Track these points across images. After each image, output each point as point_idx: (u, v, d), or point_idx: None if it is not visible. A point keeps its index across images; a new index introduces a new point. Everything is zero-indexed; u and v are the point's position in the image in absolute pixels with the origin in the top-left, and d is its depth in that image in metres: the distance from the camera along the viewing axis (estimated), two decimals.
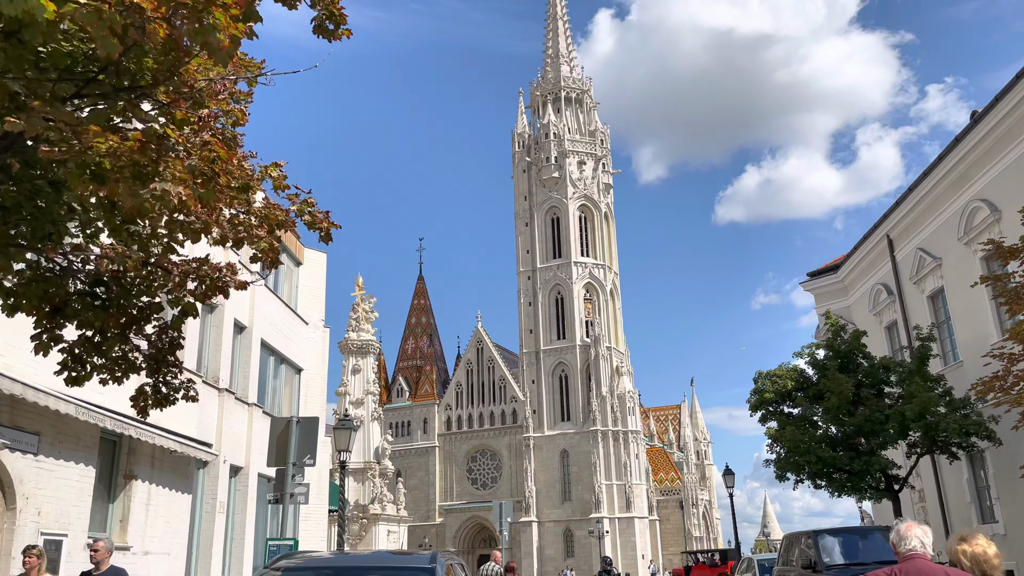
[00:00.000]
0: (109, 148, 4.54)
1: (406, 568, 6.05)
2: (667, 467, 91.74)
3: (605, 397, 78.84)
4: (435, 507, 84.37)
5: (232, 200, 6.39)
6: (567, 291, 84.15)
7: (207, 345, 16.58)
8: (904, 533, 4.45)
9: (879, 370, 20.05)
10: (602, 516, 73.21)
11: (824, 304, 30.01)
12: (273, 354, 20.25)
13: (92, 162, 4.58)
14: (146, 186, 4.72)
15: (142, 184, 4.70)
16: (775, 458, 20.38)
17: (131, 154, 4.60)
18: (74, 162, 4.57)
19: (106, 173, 4.61)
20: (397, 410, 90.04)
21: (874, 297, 26.65)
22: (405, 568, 6.07)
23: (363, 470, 48.20)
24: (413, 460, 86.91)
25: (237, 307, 17.72)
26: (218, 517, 15.78)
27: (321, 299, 23.49)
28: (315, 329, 22.92)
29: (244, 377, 18.07)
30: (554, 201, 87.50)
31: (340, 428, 15.02)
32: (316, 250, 23.68)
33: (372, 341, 51.52)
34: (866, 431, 18.94)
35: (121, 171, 4.58)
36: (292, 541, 10.22)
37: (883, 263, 25.96)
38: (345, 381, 50.53)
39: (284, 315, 21.01)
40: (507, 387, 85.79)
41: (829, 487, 19.78)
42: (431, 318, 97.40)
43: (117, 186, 4.63)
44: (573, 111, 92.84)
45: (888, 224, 25.11)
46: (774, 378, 21.02)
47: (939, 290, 22.59)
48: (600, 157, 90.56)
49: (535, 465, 79.03)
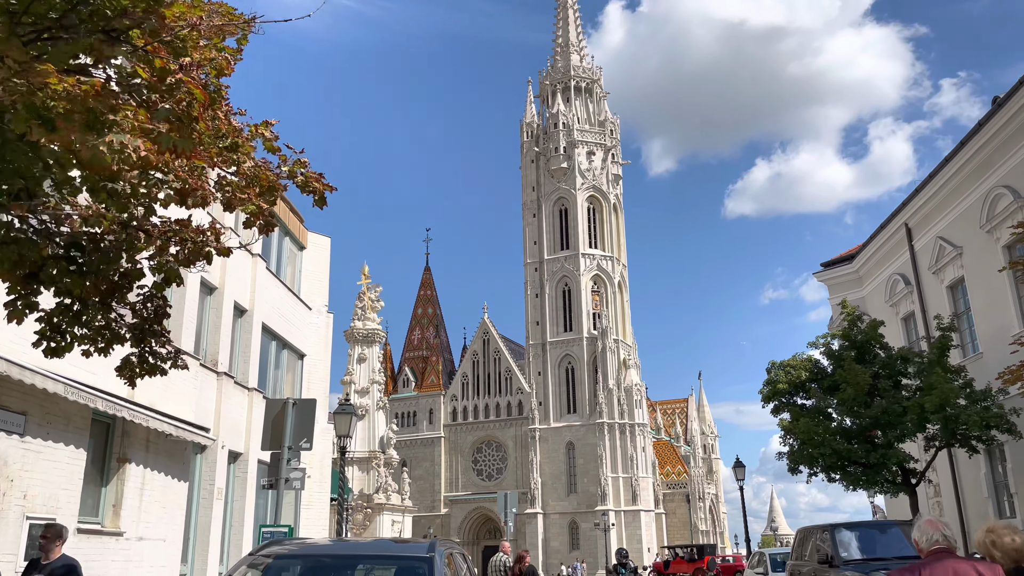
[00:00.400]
0: (63, 90, 4.05)
1: (403, 557, 5.59)
2: (674, 460, 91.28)
3: (612, 390, 78.37)
4: (440, 498, 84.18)
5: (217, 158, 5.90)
6: (574, 283, 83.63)
7: (206, 327, 16.14)
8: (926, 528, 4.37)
9: (896, 361, 19.49)
10: (608, 509, 72.87)
11: (838, 295, 29.39)
12: (275, 339, 19.82)
13: (41, 105, 4.08)
14: (101, 136, 4.22)
15: (96, 134, 4.19)
16: (788, 450, 19.85)
17: (85, 98, 4.09)
18: (21, 103, 4.07)
19: (56, 119, 4.10)
20: (403, 400, 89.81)
21: (891, 287, 26.04)
22: (402, 557, 5.60)
23: (368, 459, 47.90)
24: (419, 450, 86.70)
25: (237, 289, 17.29)
26: (216, 504, 15.38)
27: (325, 284, 23.05)
28: (318, 315, 22.49)
29: (244, 361, 17.64)
30: (562, 192, 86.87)
31: (340, 413, 14.56)
32: (320, 234, 23.25)
33: (378, 330, 51.15)
34: (883, 423, 18.39)
35: (71, 116, 4.06)
36: (287, 528, 9.80)
37: (900, 253, 25.35)
38: (351, 370, 50.20)
39: (286, 299, 20.57)
40: (513, 379, 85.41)
41: (844, 481, 19.25)
42: (437, 309, 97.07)
43: (68, 134, 4.13)
44: (583, 100, 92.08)
45: (906, 213, 24.49)
46: (788, 368, 20.48)
47: (959, 280, 21.98)
48: (609, 148, 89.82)
49: (541, 457, 78.69)
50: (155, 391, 13.28)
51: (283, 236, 21.18)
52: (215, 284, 16.37)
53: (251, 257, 18.22)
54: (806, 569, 14.36)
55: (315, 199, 6.76)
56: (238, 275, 17.31)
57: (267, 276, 19.14)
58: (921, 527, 4.42)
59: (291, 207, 21.50)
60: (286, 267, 21.41)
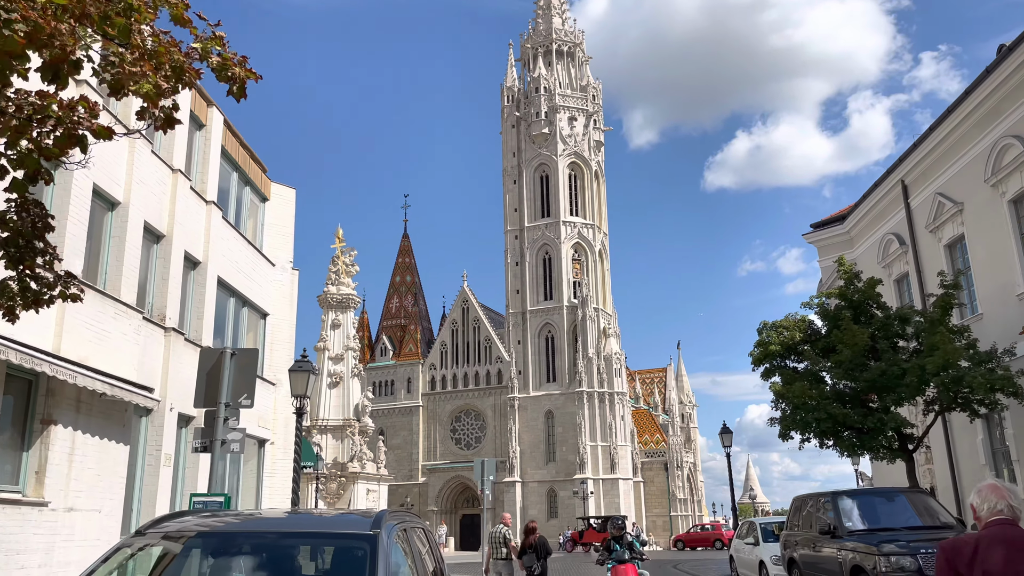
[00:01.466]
0: None
1: (339, 535, 4.31)
2: (652, 429, 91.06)
3: (591, 359, 77.61)
4: (418, 467, 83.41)
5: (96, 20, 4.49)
6: (555, 251, 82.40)
7: (152, 278, 14.68)
8: (987, 494, 3.86)
9: (895, 321, 18.46)
10: (586, 477, 72.44)
11: (828, 257, 28.36)
12: (233, 295, 18.38)
13: None
14: None
15: None
16: (780, 415, 18.82)
17: None
18: None
19: None
20: (381, 369, 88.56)
21: (884, 248, 25.01)
22: (338, 535, 4.32)
23: (342, 427, 46.66)
24: (396, 419, 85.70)
25: (188, 239, 15.79)
26: (163, 471, 14.05)
27: (290, 239, 21.57)
28: (283, 271, 21.04)
29: (197, 317, 16.21)
30: (543, 158, 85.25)
31: (296, 371, 13.21)
32: (284, 185, 21.73)
33: (352, 295, 49.63)
34: (880, 386, 17.38)
35: None
36: (223, 497, 8.52)
37: (895, 211, 24.27)
38: (324, 336, 48.72)
39: (246, 253, 19.10)
40: (492, 347, 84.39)
41: (838, 447, 18.28)
42: (416, 277, 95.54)
43: None
44: (565, 65, 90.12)
45: (903, 169, 23.37)
46: (780, 329, 19.39)
47: (958, 238, 20.93)
48: (592, 113, 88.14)
49: (519, 426, 77.98)
50: (87, 345, 11.87)
51: (243, 185, 19.65)
52: (162, 231, 14.88)
53: (205, 204, 16.72)
54: (803, 539, 13.37)
55: (233, 88, 5.37)
56: (189, 223, 15.82)
57: (223, 226, 17.65)
58: (982, 492, 3.88)
59: (251, 154, 19.95)
60: (247, 219, 19.91)
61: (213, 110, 17.40)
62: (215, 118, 17.36)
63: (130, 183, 13.48)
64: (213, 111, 17.38)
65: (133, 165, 13.59)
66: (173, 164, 15.26)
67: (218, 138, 17.50)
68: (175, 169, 15.27)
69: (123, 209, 13.36)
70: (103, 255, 13.01)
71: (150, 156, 14.33)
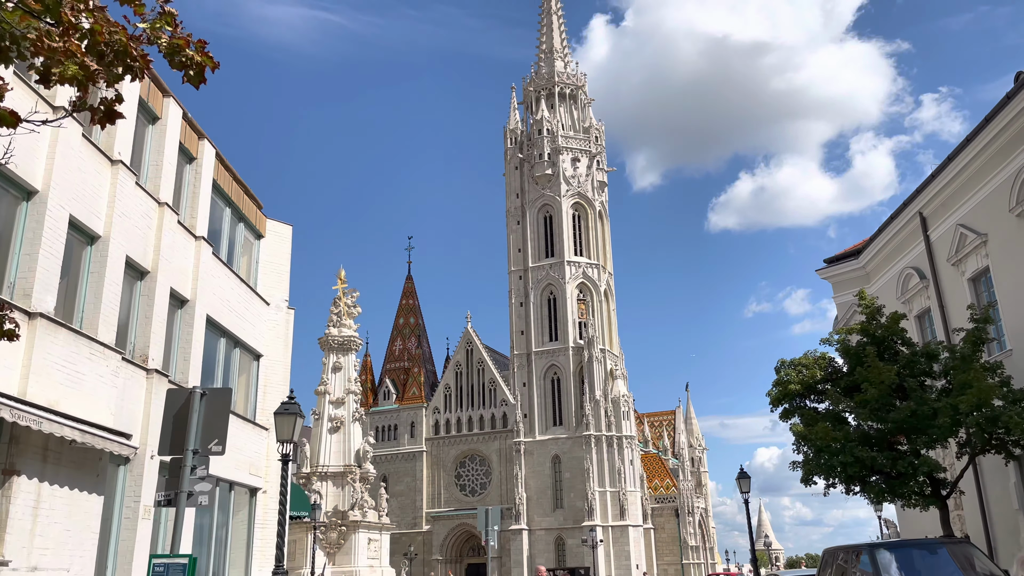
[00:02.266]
0: None
1: None
2: (662, 473, 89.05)
3: (599, 401, 76.18)
4: (422, 514, 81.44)
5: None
6: (560, 291, 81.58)
7: (134, 316, 13.83)
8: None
9: (921, 358, 17.46)
10: (595, 524, 70.45)
11: (844, 293, 27.48)
12: (224, 335, 17.51)
13: None
14: None
15: None
16: (803, 459, 17.73)
17: None
18: None
19: None
20: (383, 413, 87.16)
21: (903, 283, 24.09)
22: None
23: (343, 474, 45.28)
24: (400, 465, 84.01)
25: (175, 276, 14.99)
26: (142, 524, 13.01)
27: (285, 277, 20.77)
28: (277, 310, 20.20)
29: (184, 359, 15.32)
30: (547, 198, 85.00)
31: (282, 413, 12.25)
32: (281, 222, 21.02)
33: (354, 337, 48.64)
34: (909, 427, 16.33)
35: None
36: (187, 559, 7.50)
37: (914, 244, 23.42)
38: (325, 379, 47.60)
39: (239, 291, 18.28)
40: (497, 390, 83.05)
41: (865, 492, 17.15)
42: (419, 319, 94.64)
43: None
44: (567, 107, 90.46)
45: (921, 200, 22.58)
46: (800, 367, 18.41)
47: (983, 271, 20.04)
48: (594, 154, 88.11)
49: (526, 471, 76.24)
50: (58, 388, 10.97)
51: (236, 221, 18.93)
52: (146, 267, 14.08)
53: (194, 240, 15.95)
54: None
55: (188, 75, 4.58)
56: (176, 259, 15.02)
57: (214, 263, 16.86)
58: None
59: (246, 189, 19.27)
60: (240, 256, 19.14)
61: (204, 143, 16.76)
62: (206, 151, 16.71)
63: (111, 216, 12.73)
64: (204, 144, 16.74)
65: (115, 197, 12.86)
66: (160, 197, 14.54)
67: (209, 171, 16.82)
68: (161, 202, 14.54)
69: (103, 243, 12.59)
70: (80, 291, 12.20)
71: (134, 188, 13.61)
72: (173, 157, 15.20)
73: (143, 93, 14.23)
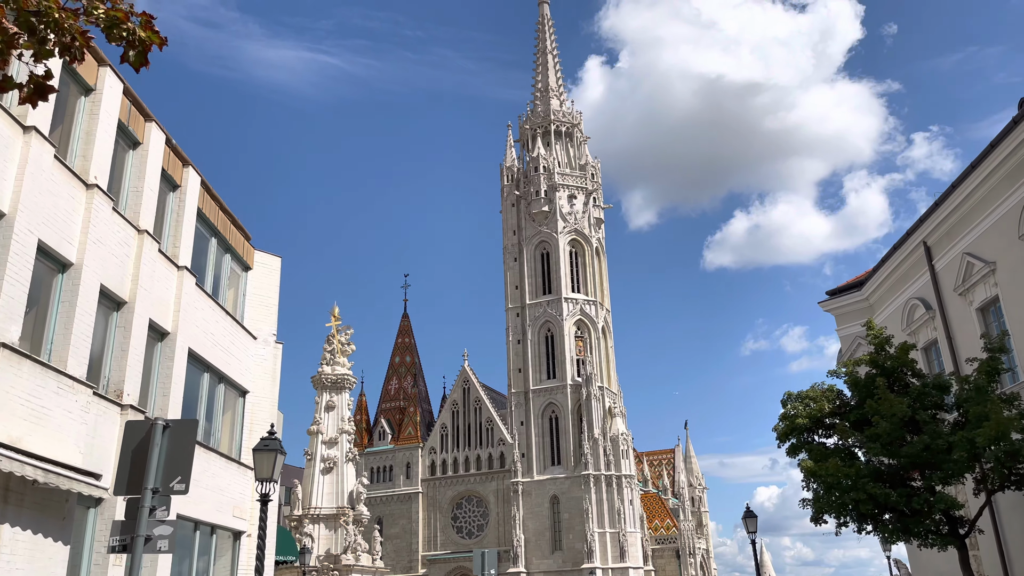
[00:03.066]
0: None
1: None
2: (662, 514, 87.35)
3: (597, 439, 74.98)
4: (418, 557, 79.57)
5: None
6: (557, 328, 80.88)
7: (109, 348, 13.15)
8: None
9: (933, 390, 16.79)
10: (595, 567, 68.82)
11: (847, 326, 26.87)
12: (208, 370, 16.80)
13: None
14: None
15: None
16: (812, 497, 16.93)
17: None
18: None
19: None
20: (379, 454, 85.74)
21: (908, 314, 23.50)
22: None
23: (335, 516, 44.04)
24: (395, 507, 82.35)
25: (155, 307, 14.34)
26: (112, 572, 12.17)
27: (273, 310, 20.12)
28: (265, 345, 19.51)
29: (163, 395, 14.59)
30: (543, 235, 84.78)
31: (262, 450, 11.48)
32: (269, 254, 20.44)
33: (348, 376, 47.77)
34: (922, 462, 15.60)
35: None
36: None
37: (919, 274, 22.88)
38: (318, 419, 46.63)
39: (224, 325, 17.61)
40: (495, 429, 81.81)
41: (879, 531, 16.34)
42: (416, 357, 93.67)
43: None
44: (563, 145, 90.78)
45: (925, 229, 22.10)
46: (807, 400, 17.70)
47: (992, 300, 19.47)
48: (591, 191, 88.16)
49: (524, 512, 74.69)
50: (21, 424, 10.25)
51: (222, 252, 18.34)
52: (123, 297, 13.43)
53: (176, 270, 15.33)
54: None
55: (129, 55, 4.01)
56: (156, 290, 14.39)
57: (197, 295, 16.21)
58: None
59: (233, 219, 18.72)
60: (226, 289, 18.51)
61: (189, 170, 16.25)
62: (191, 178, 16.19)
63: (85, 242, 12.13)
64: (189, 171, 16.23)
65: (89, 222, 12.27)
66: (139, 224, 13.96)
67: (194, 199, 16.28)
68: (141, 230, 13.95)
69: (75, 271, 11.97)
70: (49, 322, 11.54)
71: (111, 214, 13.03)
72: (155, 183, 14.67)
73: (123, 116, 13.75)
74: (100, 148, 12.90)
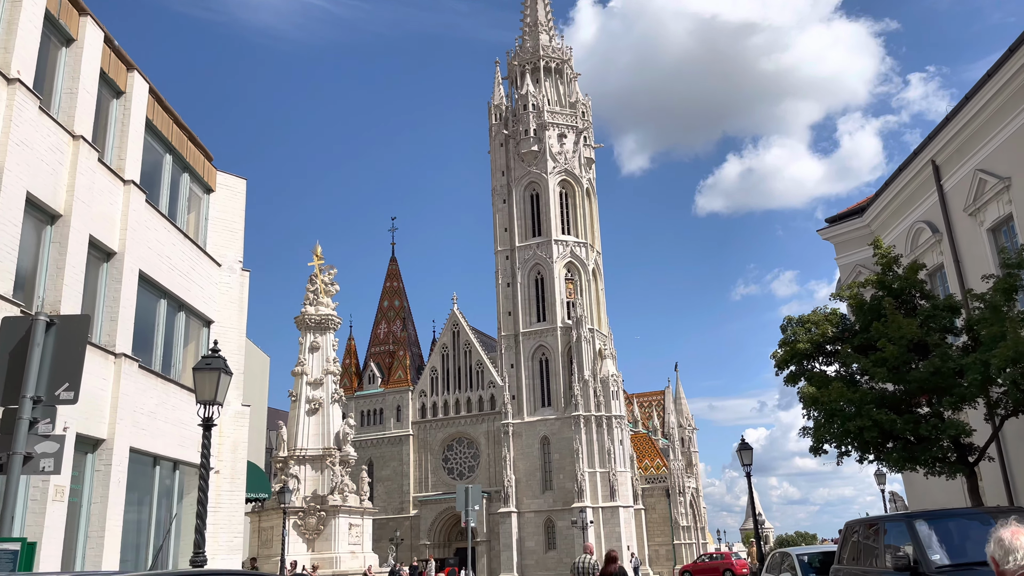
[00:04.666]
0: None
1: None
2: (652, 454, 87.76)
3: (588, 381, 74.56)
4: (409, 499, 79.81)
5: None
6: (547, 271, 79.71)
7: (43, 267, 11.84)
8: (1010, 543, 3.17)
9: (943, 312, 15.74)
10: (585, 505, 69.02)
11: (847, 254, 25.79)
12: (166, 296, 15.55)
13: None
14: None
15: None
16: (813, 425, 16.00)
17: None
18: None
19: None
20: (369, 397, 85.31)
21: (913, 238, 22.37)
22: None
23: (321, 457, 43.30)
24: (386, 449, 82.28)
25: (96, 222, 12.99)
26: (52, 507, 11.10)
27: (239, 236, 18.77)
28: (230, 272, 18.22)
29: (110, 319, 13.36)
30: (533, 176, 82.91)
31: (203, 369, 10.25)
32: (233, 175, 19.01)
33: (332, 316, 46.57)
34: (931, 387, 14.63)
35: None
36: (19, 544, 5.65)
37: (925, 196, 21.69)
38: (302, 360, 45.55)
39: (183, 248, 16.30)
40: (485, 372, 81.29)
41: (883, 460, 15.47)
42: (404, 301, 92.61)
43: None
44: (553, 82, 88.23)
45: (933, 147, 20.82)
46: (808, 325, 16.65)
47: (1005, 218, 18.32)
48: (581, 130, 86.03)
49: (514, 453, 74.63)
50: None
51: (179, 171, 16.91)
52: (56, 209, 12.07)
53: (122, 184, 13.95)
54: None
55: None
56: (97, 204, 13.02)
57: (149, 213, 14.86)
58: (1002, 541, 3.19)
59: (191, 136, 17.24)
60: (185, 211, 17.15)
61: (135, 75, 14.71)
62: (136, 84, 14.67)
63: (6, 143, 10.73)
64: (135, 76, 14.69)
65: (11, 122, 10.84)
66: (74, 130, 12.52)
67: (141, 108, 14.79)
68: (76, 135, 12.52)
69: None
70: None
71: (38, 115, 11.59)
72: (92, 86, 13.17)
73: (51, 6, 12.19)
74: (24, 40, 11.41)
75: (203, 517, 10.14)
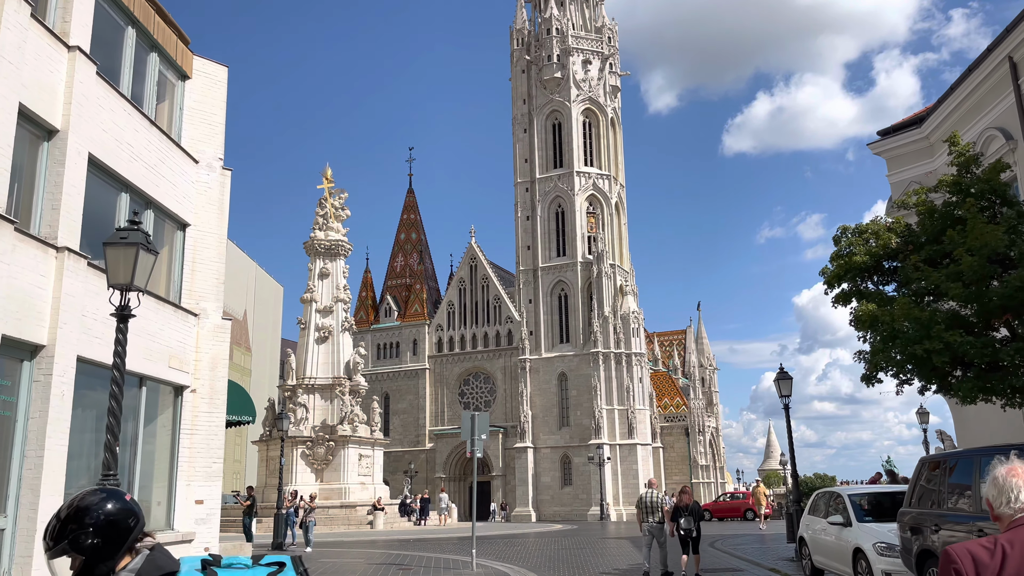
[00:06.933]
0: None
1: None
2: (672, 392, 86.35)
3: (607, 317, 72.73)
4: (425, 432, 79.33)
5: None
6: (568, 203, 77.15)
7: None
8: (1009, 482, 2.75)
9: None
10: (602, 442, 68.02)
11: (900, 170, 23.20)
12: (128, 189, 13.57)
13: None
14: None
15: None
16: (870, 349, 13.89)
17: None
18: None
19: None
20: (385, 330, 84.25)
21: (982, 148, 19.76)
22: None
23: (331, 386, 42.02)
24: (402, 383, 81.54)
25: (27, 90, 10.89)
26: None
27: (219, 130, 16.65)
28: (209, 170, 16.18)
29: (52, 208, 11.40)
30: (556, 104, 79.61)
31: (115, 244, 8.21)
32: (213, 61, 16.79)
33: (343, 241, 44.77)
34: (1016, 305, 12.42)
35: None
36: None
37: (999, 99, 19.00)
38: (311, 286, 43.97)
39: (148, 137, 14.24)
40: (502, 307, 79.66)
41: (952, 391, 13.37)
42: (422, 234, 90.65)
43: None
44: (578, 5, 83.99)
45: (1012, 42, 18.07)
46: (867, 235, 14.38)
47: None
48: (607, 56, 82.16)
49: (531, 389, 73.48)
50: None
51: (146, 49, 14.73)
52: None
53: (65, 50, 11.82)
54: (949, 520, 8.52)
55: None
56: (28, 68, 10.92)
57: (103, 89, 12.76)
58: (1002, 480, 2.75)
59: (161, 11, 14.98)
60: (153, 97, 15.02)
61: None
62: None
63: None
64: None
65: None
66: None
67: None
68: None
69: None
70: None
71: None
72: None
73: None
74: None
75: (114, 431, 8.26)
